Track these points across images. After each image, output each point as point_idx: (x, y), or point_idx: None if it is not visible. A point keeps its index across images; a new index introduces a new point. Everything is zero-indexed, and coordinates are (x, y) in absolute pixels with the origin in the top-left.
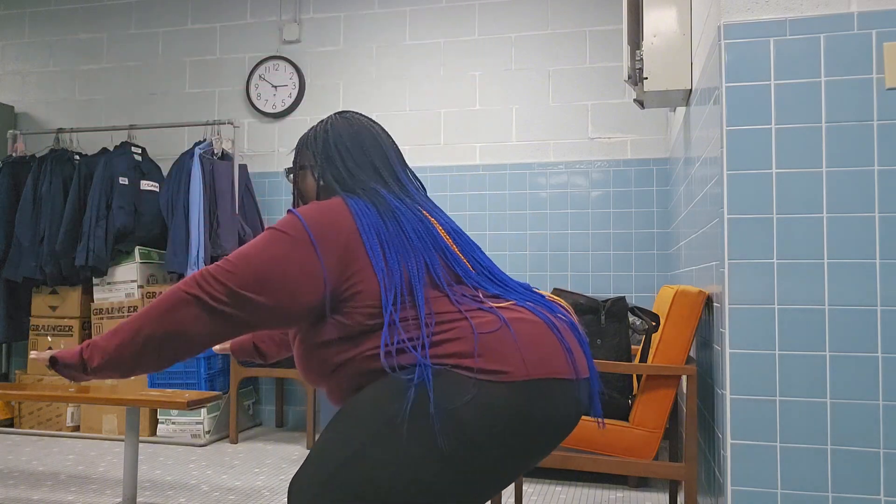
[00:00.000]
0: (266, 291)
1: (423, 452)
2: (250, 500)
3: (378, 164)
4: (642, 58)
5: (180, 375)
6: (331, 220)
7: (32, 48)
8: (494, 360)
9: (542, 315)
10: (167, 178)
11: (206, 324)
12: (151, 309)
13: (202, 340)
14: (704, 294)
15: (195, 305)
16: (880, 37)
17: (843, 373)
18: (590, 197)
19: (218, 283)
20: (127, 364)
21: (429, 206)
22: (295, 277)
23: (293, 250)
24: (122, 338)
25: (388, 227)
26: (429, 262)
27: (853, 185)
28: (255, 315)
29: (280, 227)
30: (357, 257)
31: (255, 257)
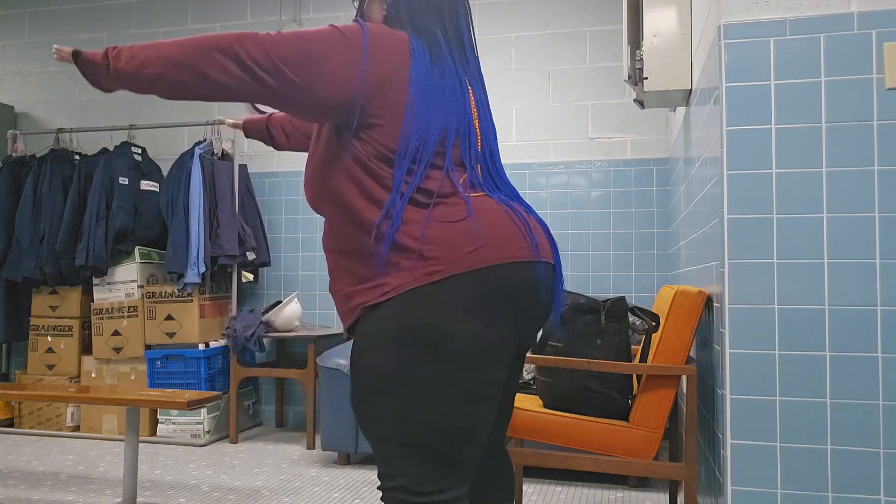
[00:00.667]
0: (302, 72)
1: (426, 370)
2: (250, 500)
3: (446, 15)
4: (642, 58)
5: (180, 375)
6: (390, 44)
7: (32, 48)
8: (452, 250)
9: (509, 205)
10: (167, 178)
11: (233, 78)
12: (190, 42)
13: (220, 91)
14: (704, 294)
15: (230, 57)
16: (880, 37)
17: (843, 373)
18: (590, 197)
19: (261, 47)
20: (145, 77)
21: (473, 75)
22: (333, 71)
23: (343, 50)
24: (151, 52)
25: (433, 80)
26: (448, 126)
27: (853, 185)
28: (280, 90)
29: (341, 28)
30: (395, 92)
31: (305, 40)
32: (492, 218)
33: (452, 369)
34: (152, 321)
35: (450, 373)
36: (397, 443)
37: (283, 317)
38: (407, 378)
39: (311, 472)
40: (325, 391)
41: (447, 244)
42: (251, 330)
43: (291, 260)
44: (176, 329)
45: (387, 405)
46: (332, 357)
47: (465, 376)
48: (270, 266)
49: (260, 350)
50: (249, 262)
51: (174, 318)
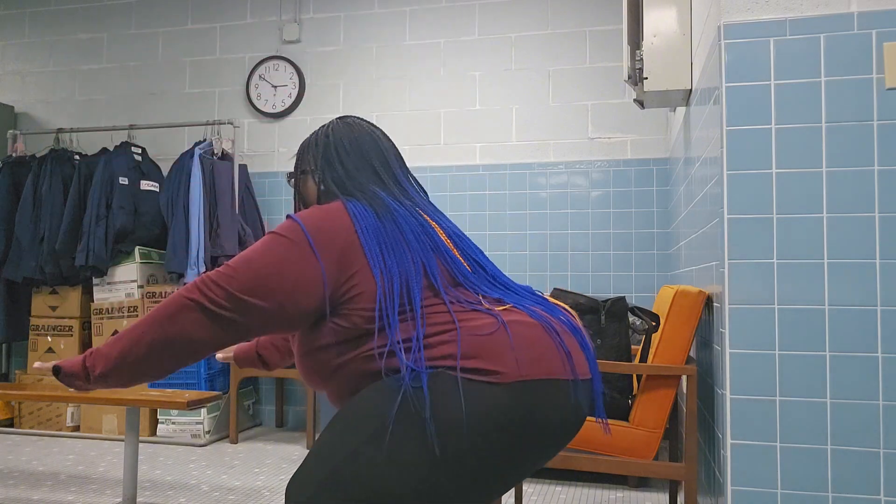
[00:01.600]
0: (266, 295)
1: (419, 454)
2: (250, 500)
3: (378, 167)
4: (642, 58)
5: (180, 375)
6: (330, 224)
7: (32, 48)
8: (488, 360)
9: (540, 317)
10: (167, 178)
11: (208, 329)
12: (153, 315)
13: (204, 346)
14: (704, 294)
15: (197, 311)
16: (880, 37)
17: (843, 373)
18: (590, 197)
19: (219, 287)
20: (129, 372)
21: (429, 210)
22: (294, 281)
23: (293, 254)
24: (124, 344)
25: (387, 230)
26: (426, 264)
27: (853, 185)
28: (256, 319)
29: (280, 231)
30: (355, 260)
31: (255, 261)
32: (524, 330)
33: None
34: None
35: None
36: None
37: None
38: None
39: None
40: None
41: (489, 354)
42: None
43: None
44: None
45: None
46: None
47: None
48: None
49: None
50: None
51: None
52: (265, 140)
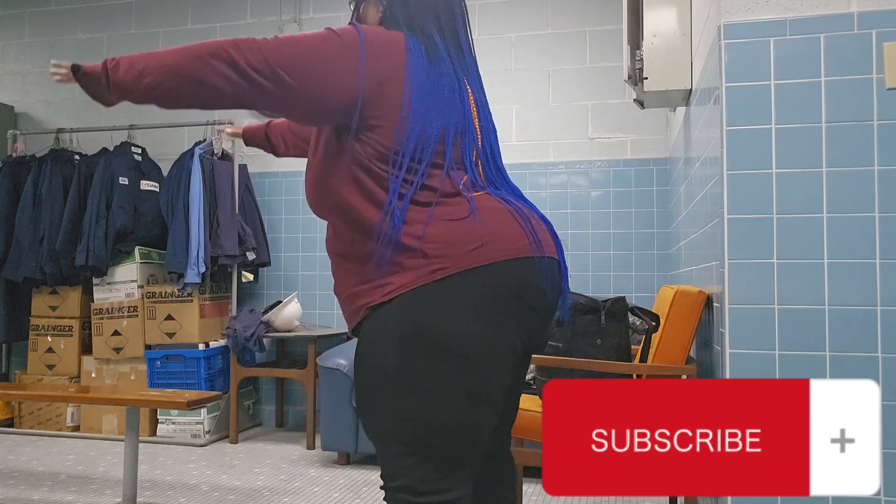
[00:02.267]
0: (299, 76)
1: (439, 375)
2: (250, 500)
3: (441, 15)
4: (642, 58)
5: (180, 375)
6: (386, 45)
7: (32, 48)
8: (455, 247)
9: (512, 203)
10: (167, 178)
11: (231, 84)
12: (187, 49)
13: (219, 98)
14: (704, 294)
15: (228, 63)
16: (880, 37)
17: (844, 373)
18: (590, 197)
19: (259, 51)
20: (145, 86)
21: (472, 72)
22: (331, 74)
23: (340, 52)
24: (149, 60)
25: (430, 79)
26: (447, 126)
27: (853, 185)
28: (279, 95)
29: (337, 31)
30: (393, 92)
31: (303, 43)
32: (493, 216)
33: (455, 370)
34: (152, 321)
35: (452, 373)
36: (399, 442)
37: (283, 317)
38: (409, 378)
39: (311, 472)
40: (325, 391)
41: (449, 242)
42: (251, 330)
43: (291, 260)
44: (176, 329)
45: (389, 405)
46: (333, 357)
47: (468, 377)
48: (270, 266)
49: (260, 350)
50: (249, 262)
51: (174, 318)
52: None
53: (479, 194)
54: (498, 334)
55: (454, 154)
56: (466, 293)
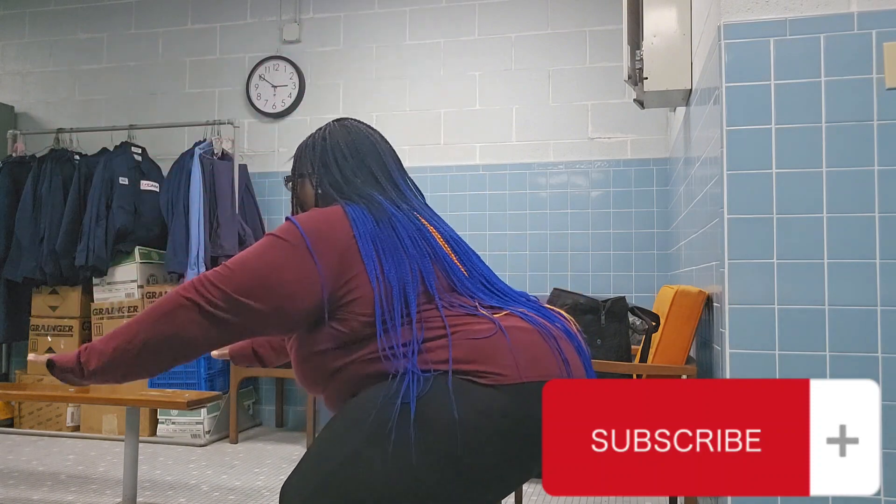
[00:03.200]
0: (263, 297)
1: (418, 456)
2: (250, 500)
3: (375, 171)
4: (642, 58)
5: (180, 375)
6: (328, 227)
7: (32, 48)
8: (486, 364)
9: (536, 322)
10: (167, 178)
11: (204, 329)
12: (149, 313)
13: (199, 345)
14: (704, 294)
15: (193, 310)
16: (880, 37)
17: (843, 373)
18: (590, 197)
19: (216, 288)
20: (124, 368)
21: (427, 213)
22: (291, 283)
23: (290, 256)
24: (119, 341)
25: (384, 234)
26: (423, 270)
27: (853, 185)
28: (252, 321)
29: (278, 234)
30: (353, 264)
31: (252, 262)
32: (521, 335)
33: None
34: None
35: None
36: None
37: None
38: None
39: None
40: None
41: (482, 356)
42: None
43: None
44: None
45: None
46: None
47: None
48: None
49: None
50: None
51: None
52: (265, 140)
53: (503, 315)
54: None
55: (448, 292)
56: (506, 410)
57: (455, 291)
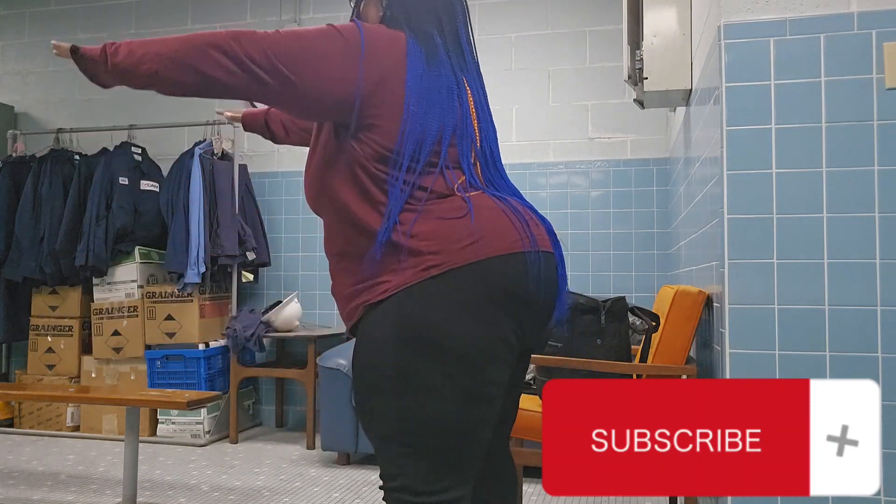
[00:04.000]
0: (297, 70)
1: (436, 375)
2: (250, 500)
3: (442, 15)
4: (642, 58)
5: (180, 375)
6: (386, 45)
7: (32, 48)
8: (448, 244)
9: (506, 202)
10: (167, 178)
11: (230, 76)
12: (191, 38)
13: (218, 88)
14: (704, 294)
15: (228, 55)
16: (880, 37)
17: (843, 373)
18: (590, 197)
19: (259, 44)
20: (142, 73)
21: (470, 74)
22: (331, 70)
23: (341, 50)
24: (150, 47)
25: (430, 79)
26: (444, 129)
27: (853, 185)
28: (277, 88)
29: (339, 27)
30: (391, 91)
31: (303, 38)
32: (488, 214)
33: (452, 369)
34: (152, 321)
35: (450, 372)
36: (398, 442)
37: (283, 317)
38: (407, 377)
39: (311, 472)
40: (325, 391)
41: (443, 239)
42: (251, 330)
43: (291, 260)
44: (176, 329)
45: (387, 404)
46: (332, 357)
47: (466, 376)
48: (270, 266)
49: (260, 350)
50: (249, 262)
51: (174, 318)
52: (265, 140)
53: (476, 194)
54: (494, 332)
55: (451, 155)
56: (461, 291)
57: (457, 163)
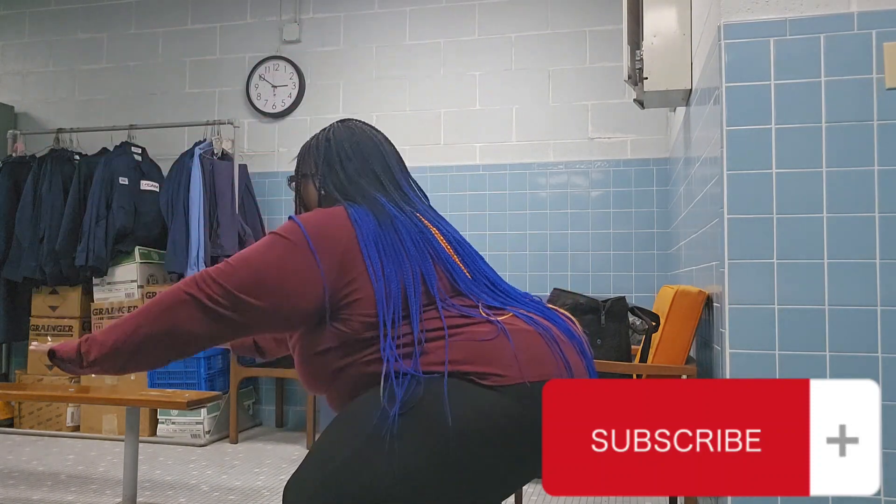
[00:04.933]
0: (263, 295)
1: (420, 456)
2: (250, 500)
3: (379, 172)
4: (642, 58)
5: (180, 375)
6: (330, 227)
7: (32, 48)
8: (488, 365)
9: (538, 324)
10: (167, 178)
11: (204, 325)
12: (150, 306)
13: (199, 341)
14: (704, 294)
15: (193, 306)
16: (880, 37)
17: (844, 373)
18: (590, 197)
19: (217, 284)
20: (123, 360)
21: (430, 215)
22: (292, 282)
23: (292, 255)
24: (119, 333)
25: (386, 236)
26: (424, 272)
27: (853, 185)
28: (252, 318)
29: (280, 232)
30: (355, 265)
31: (254, 260)
32: (523, 338)
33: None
34: None
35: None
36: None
37: None
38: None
39: None
40: None
41: (483, 359)
42: None
43: None
44: None
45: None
46: None
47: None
48: None
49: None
50: None
51: None
52: (265, 140)
53: (506, 317)
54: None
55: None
56: (513, 411)
57: (459, 294)
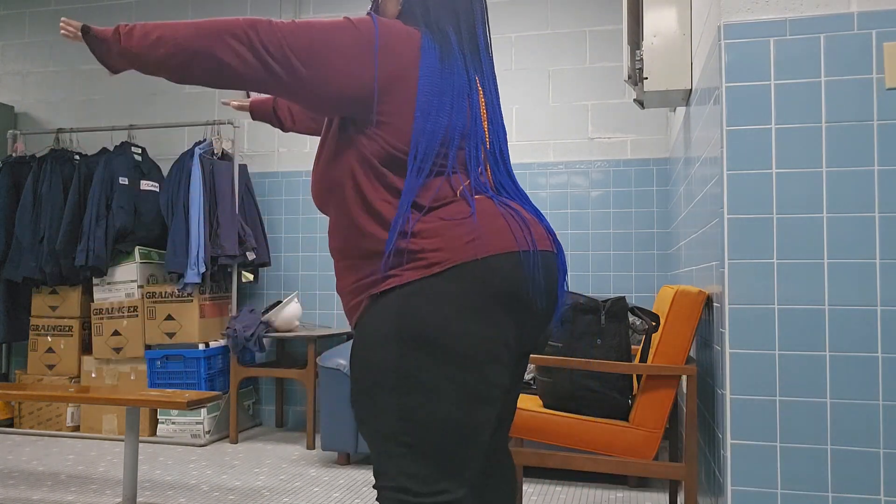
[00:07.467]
0: (311, 64)
1: (436, 373)
2: (250, 500)
3: (461, 13)
4: (642, 58)
5: (180, 375)
6: (401, 42)
7: (32, 48)
8: (449, 241)
9: (508, 206)
10: (167, 178)
11: (243, 64)
12: (207, 24)
13: (229, 77)
14: (704, 294)
15: (243, 42)
16: (880, 37)
17: (843, 373)
18: (590, 197)
19: (275, 35)
20: (155, 58)
21: (485, 70)
22: (343, 66)
23: (354, 44)
24: (163, 32)
25: (441, 78)
26: (453, 129)
27: (853, 185)
28: (289, 81)
29: (354, 21)
30: (403, 91)
31: (317, 30)
32: (488, 217)
33: (453, 369)
34: (152, 321)
35: (451, 372)
36: (397, 441)
37: (283, 317)
38: (407, 375)
39: (311, 472)
40: (325, 391)
41: (445, 237)
42: (251, 330)
43: (291, 260)
44: (176, 329)
45: (387, 402)
46: (332, 357)
47: (467, 376)
48: (270, 266)
49: (260, 350)
50: (249, 262)
51: (174, 318)
52: (265, 140)
53: (480, 198)
54: (495, 333)
55: (459, 157)
56: (463, 289)
57: (463, 164)
